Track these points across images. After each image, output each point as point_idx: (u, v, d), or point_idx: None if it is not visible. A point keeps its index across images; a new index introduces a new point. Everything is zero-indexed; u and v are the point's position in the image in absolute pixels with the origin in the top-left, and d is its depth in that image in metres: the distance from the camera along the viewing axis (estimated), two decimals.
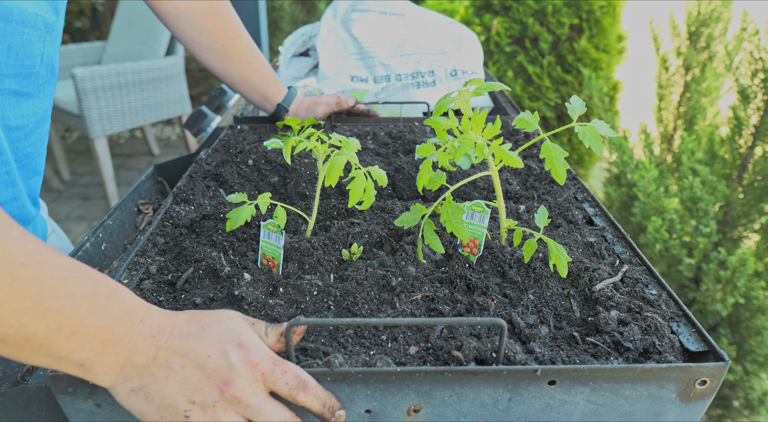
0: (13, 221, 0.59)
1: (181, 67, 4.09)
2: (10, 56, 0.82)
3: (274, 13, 5.55)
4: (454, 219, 0.84)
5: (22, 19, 0.81)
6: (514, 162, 0.80)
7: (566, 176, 0.80)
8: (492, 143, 0.81)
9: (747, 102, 2.20)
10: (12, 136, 0.88)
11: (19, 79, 0.85)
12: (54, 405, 0.70)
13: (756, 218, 2.25)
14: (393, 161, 1.29)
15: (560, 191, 1.18)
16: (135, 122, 3.93)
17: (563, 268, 0.81)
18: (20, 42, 0.82)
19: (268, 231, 0.89)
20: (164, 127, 5.88)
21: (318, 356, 0.72)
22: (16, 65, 0.84)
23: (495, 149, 0.81)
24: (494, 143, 0.81)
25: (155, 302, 0.84)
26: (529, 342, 0.76)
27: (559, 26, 3.32)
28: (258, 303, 0.81)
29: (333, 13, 1.97)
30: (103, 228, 1.09)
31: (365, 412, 0.68)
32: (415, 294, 0.84)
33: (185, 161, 1.38)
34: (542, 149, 0.81)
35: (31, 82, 0.87)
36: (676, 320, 0.79)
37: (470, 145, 0.81)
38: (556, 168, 0.80)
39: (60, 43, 0.95)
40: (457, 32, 1.93)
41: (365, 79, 1.86)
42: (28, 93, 0.88)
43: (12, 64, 0.83)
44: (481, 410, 0.68)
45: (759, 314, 2.18)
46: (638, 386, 0.68)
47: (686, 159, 2.34)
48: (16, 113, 0.87)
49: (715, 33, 2.71)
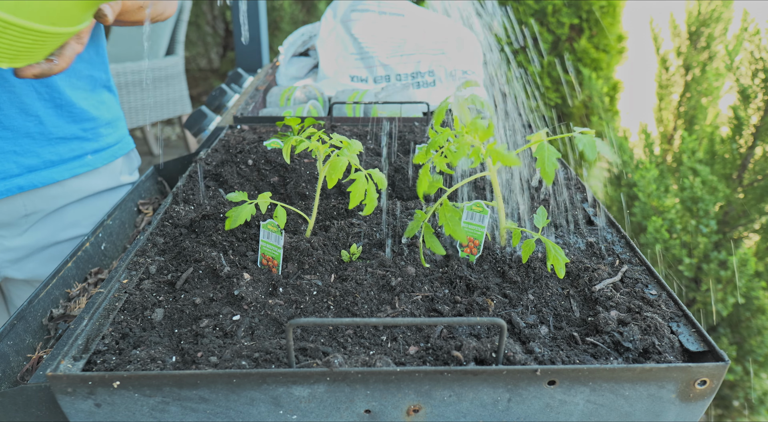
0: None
1: (181, 67, 4.09)
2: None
3: (274, 13, 5.55)
4: (452, 222, 0.85)
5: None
6: (511, 161, 0.80)
7: (554, 176, 0.81)
8: (488, 146, 0.81)
9: (747, 102, 2.20)
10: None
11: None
12: (54, 405, 0.70)
13: (756, 218, 2.25)
14: (393, 161, 1.29)
15: (560, 191, 1.18)
16: (135, 122, 3.93)
17: (561, 269, 0.82)
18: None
19: (267, 231, 0.89)
20: (164, 127, 5.88)
21: (318, 356, 0.72)
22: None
23: (491, 150, 0.81)
24: (490, 145, 0.81)
25: (155, 302, 0.84)
26: (528, 342, 0.75)
27: (559, 26, 3.32)
28: (258, 303, 0.81)
29: (333, 13, 1.97)
30: (103, 228, 1.09)
31: (365, 412, 0.68)
32: (415, 294, 0.84)
33: (185, 161, 1.38)
34: (536, 149, 0.81)
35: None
36: (675, 320, 0.78)
37: (467, 148, 0.82)
38: (545, 168, 0.80)
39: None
40: (457, 32, 1.93)
41: (365, 79, 1.86)
42: None
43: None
44: (481, 410, 0.68)
45: (759, 314, 2.18)
46: (638, 386, 0.68)
47: (686, 159, 2.34)
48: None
49: (716, 33, 2.71)
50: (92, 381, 0.65)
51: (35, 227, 1.23)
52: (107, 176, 1.33)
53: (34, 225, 1.23)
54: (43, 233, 1.25)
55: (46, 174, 1.20)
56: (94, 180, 1.30)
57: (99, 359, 0.72)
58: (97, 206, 1.31)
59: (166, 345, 0.76)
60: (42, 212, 1.23)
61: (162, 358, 0.71)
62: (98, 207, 1.31)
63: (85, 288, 0.98)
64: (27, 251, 1.25)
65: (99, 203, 1.32)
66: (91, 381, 0.65)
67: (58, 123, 1.19)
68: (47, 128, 1.17)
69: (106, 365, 0.71)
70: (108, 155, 1.32)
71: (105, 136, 1.30)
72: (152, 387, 0.65)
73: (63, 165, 1.22)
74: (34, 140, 1.17)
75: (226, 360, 0.70)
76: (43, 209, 1.23)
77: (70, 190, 1.25)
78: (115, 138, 1.34)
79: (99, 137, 1.29)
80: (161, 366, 0.70)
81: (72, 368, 0.69)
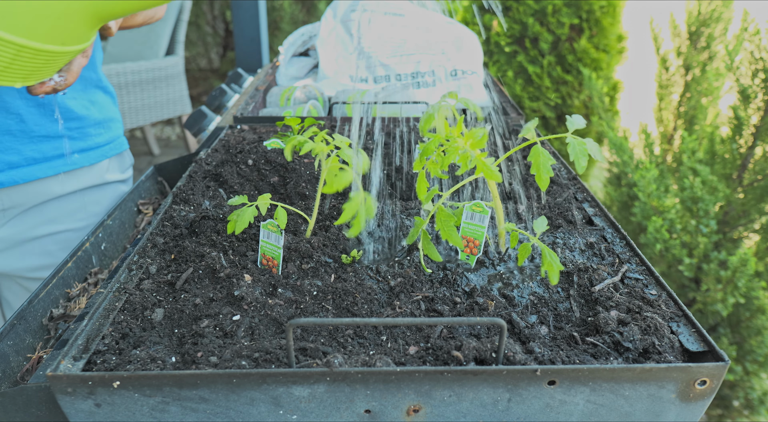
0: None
1: (181, 67, 4.09)
2: None
3: (274, 13, 5.55)
4: (447, 228, 0.85)
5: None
6: (494, 177, 0.81)
7: (548, 182, 0.83)
8: (476, 155, 0.82)
9: (747, 102, 2.20)
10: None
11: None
12: (54, 405, 0.70)
13: (756, 218, 2.25)
14: (392, 161, 1.29)
15: (560, 191, 1.18)
16: (135, 122, 3.93)
17: (555, 275, 0.82)
18: None
19: (267, 231, 0.89)
20: (164, 127, 5.87)
21: (318, 356, 0.72)
22: None
23: (478, 161, 0.82)
24: (478, 155, 0.82)
25: (155, 303, 0.84)
26: (528, 342, 0.75)
27: (559, 26, 3.32)
28: (258, 303, 0.81)
29: (333, 13, 1.97)
30: (103, 228, 1.09)
31: (365, 412, 0.68)
32: (415, 295, 0.84)
33: (185, 161, 1.38)
34: (531, 153, 0.82)
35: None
36: (675, 320, 0.78)
37: (456, 153, 0.82)
38: (540, 174, 0.82)
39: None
40: (457, 32, 1.93)
41: (365, 79, 1.86)
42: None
43: None
44: (481, 410, 0.68)
45: (759, 314, 2.18)
46: (638, 386, 0.68)
47: (687, 159, 2.34)
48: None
49: (716, 33, 2.71)
50: (92, 381, 0.65)
51: (13, 222, 1.23)
52: (92, 174, 1.32)
53: (12, 220, 1.22)
54: (21, 227, 1.24)
55: (28, 171, 1.19)
56: (78, 178, 1.29)
57: (99, 359, 0.72)
58: (78, 203, 1.30)
59: (166, 345, 0.76)
60: (21, 207, 1.22)
61: (162, 358, 0.71)
62: (80, 204, 1.30)
63: (85, 288, 0.98)
64: (3, 245, 1.24)
65: (81, 199, 1.31)
66: (91, 381, 0.65)
67: (41, 122, 1.19)
68: (29, 126, 1.17)
69: (106, 365, 0.71)
70: (97, 155, 1.31)
71: (94, 136, 1.29)
72: (152, 387, 0.65)
73: (46, 163, 1.22)
74: (15, 137, 1.16)
75: (226, 360, 0.70)
76: (22, 204, 1.22)
77: (52, 187, 1.25)
78: (106, 138, 1.34)
79: (86, 137, 1.28)
80: (161, 366, 0.70)
81: (72, 368, 0.69)
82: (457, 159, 0.84)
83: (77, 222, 1.31)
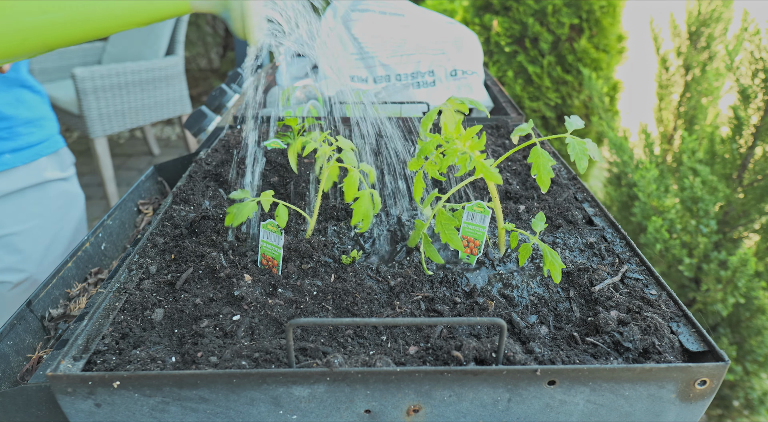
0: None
1: (181, 67, 4.09)
2: None
3: None
4: (447, 230, 0.85)
5: None
6: (494, 178, 0.81)
7: (549, 183, 0.83)
8: (475, 157, 0.82)
9: (747, 102, 2.20)
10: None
11: None
12: (54, 405, 0.70)
13: (756, 218, 2.24)
14: (392, 161, 1.29)
15: (560, 191, 1.18)
16: (135, 122, 3.93)
17: (557, 274, 0.82)
18: None
19: (267, 231, 0.89)
20: (164, 127, 5.87)
21: (318, 356, 0.72)
22: None
23: (477, 162, 0.82)
24: (477, 157, 0.82)
25: (154, 302, 0.84)
26: (528, 342, 0.75)
27: (559, 26, 3.32)
28: (258, 303, 0.81)
29: (333, 13, 1.97)
30: (103, 228, 1.09)
31: (365, 412, 0.68)
32: (415, 295, 0.84)
33: (185, 161, 1.38)
34: (531, 154, 0.82)
35: None
36: (675, 320, 0.78)
37: (455, 155, 0.83)
38: (541, 174, 0.82)
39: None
40: (456, 32, 1.93)
41: (365, 79, 1.86)
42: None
43: None
44: (481, 410, 0.68)
45: (759, 314, 2.18)
46: (638, 386, 0.68)
47: (687, 159, 2.34)
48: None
49: (716, 33, 2.71)
50: (92, 381, 0.65)
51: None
52: (29, 174, 1.30)
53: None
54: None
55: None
56: (13, 178, 1.26)
57: (99, 359, 0.72)
58: (19, 204, 1.28)
59: (166, 345, 0.76)
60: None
61: (162, 358, 0.71)
62: (20, 205, 1.28)
63: (85, 288, 0.98)
64: None
65: (21, 200, 1.29)
66: (91, 381, 0.65)
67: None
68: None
69: (106, 365, 0.71)
70: (30, 154, 1.29)
71: (25, 135, 1.28)
72: (152, 387, 0.65)
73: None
74: None
75: (226, 360, 0.70)
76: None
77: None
78: (39, 137, 1.32)
79: (17, 136, 1.26)
80: (161, 366, 0.70)
81: (72, 368, 0.69)
82: (456, 161, 0.84)
83: (19, 225, 1.28)
